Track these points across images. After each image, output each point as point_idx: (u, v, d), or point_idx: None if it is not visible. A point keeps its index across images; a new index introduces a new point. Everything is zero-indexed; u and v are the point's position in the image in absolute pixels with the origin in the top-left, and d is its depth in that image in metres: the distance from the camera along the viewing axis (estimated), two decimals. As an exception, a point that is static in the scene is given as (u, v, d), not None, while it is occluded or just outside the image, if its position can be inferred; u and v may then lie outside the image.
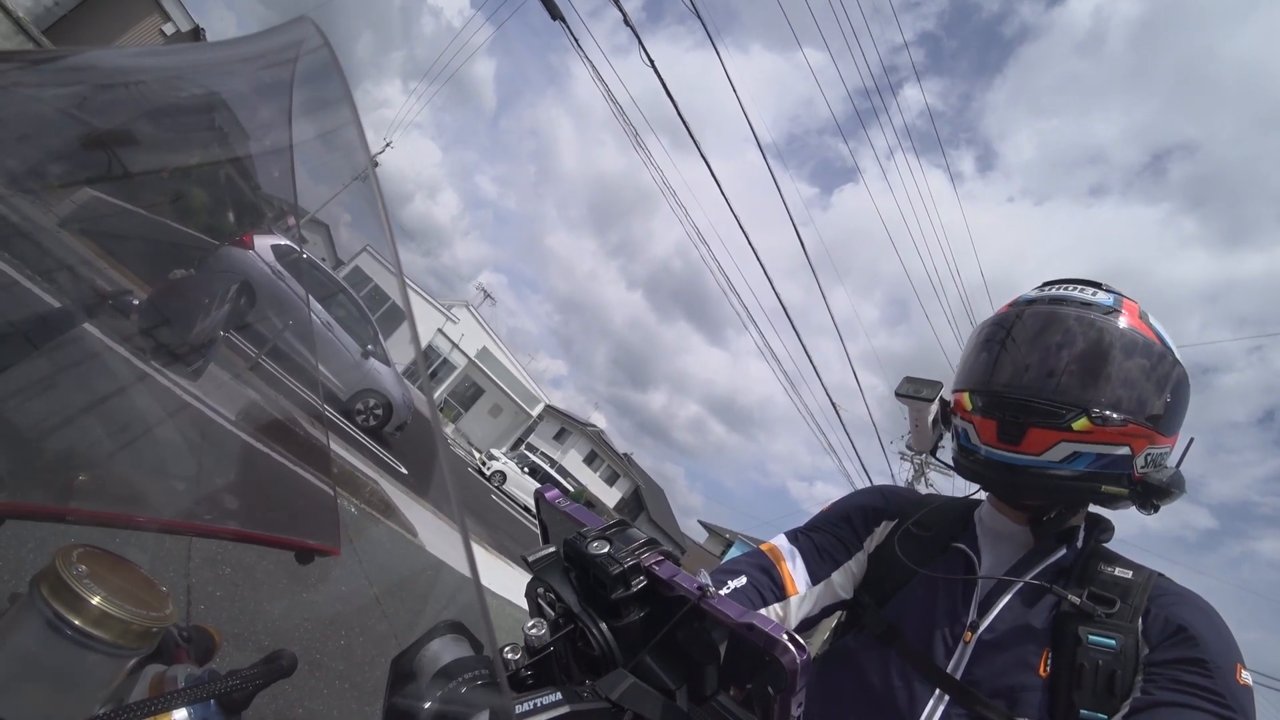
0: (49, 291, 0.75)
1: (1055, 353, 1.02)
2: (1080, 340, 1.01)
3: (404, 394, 8.64)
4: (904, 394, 1.18)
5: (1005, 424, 1.01)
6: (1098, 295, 1.07)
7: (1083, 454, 0.97)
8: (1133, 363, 0.99)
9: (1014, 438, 1.00)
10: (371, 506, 5.42)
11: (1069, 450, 0.97)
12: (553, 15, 7.33)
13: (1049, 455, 0.98)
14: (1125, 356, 0.99)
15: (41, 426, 0.68)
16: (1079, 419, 0.96)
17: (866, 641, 1.08)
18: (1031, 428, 0.99)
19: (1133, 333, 1.01)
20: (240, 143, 0.95)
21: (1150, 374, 0.99)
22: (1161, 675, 0.85)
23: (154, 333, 0.80)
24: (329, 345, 1.15)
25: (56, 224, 0.78)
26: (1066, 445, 0.97)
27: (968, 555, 1.09)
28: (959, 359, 1.21)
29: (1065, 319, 1.04)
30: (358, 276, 10.73)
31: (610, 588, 0.55)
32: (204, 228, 1.00)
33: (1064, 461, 0.97)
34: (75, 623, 0.50)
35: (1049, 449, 0.98)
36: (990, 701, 0.91)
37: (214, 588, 2.75)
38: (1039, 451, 0.98)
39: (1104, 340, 1.00)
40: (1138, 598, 0.93)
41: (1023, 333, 1.07)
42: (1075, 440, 0.97)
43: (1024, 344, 1.06)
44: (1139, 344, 1.00)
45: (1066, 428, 0.97)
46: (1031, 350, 1.04)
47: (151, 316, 0.80)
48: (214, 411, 0.87)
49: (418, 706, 0.48)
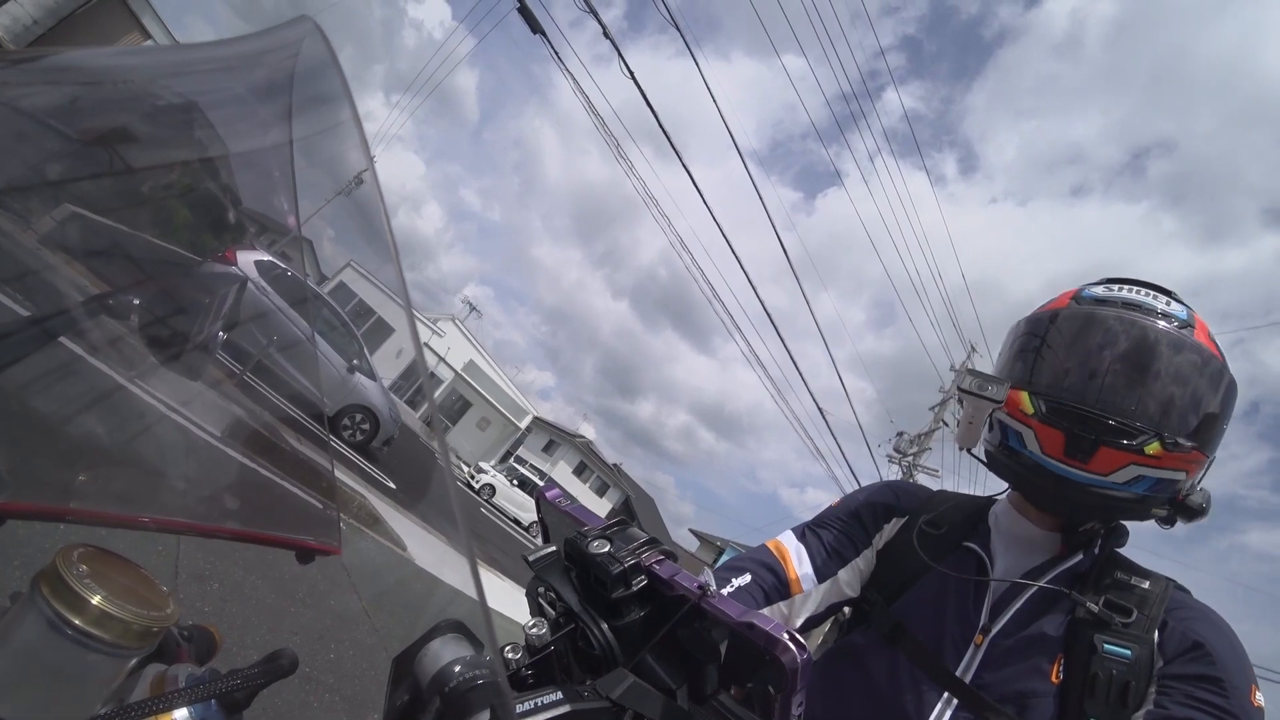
0: (46, 293, 0.75)
1: (1139, 370, 0.95)
2: (1164, 358, 0.95)
3: (390, 408, 8.61)
4: (968, 390, 1.08)
5: (1074, 438, 0.95)
6: (1171, 306, 1.01)
7: (1146, 478, 0.93)
8: (1205, 388, 0.95)
9: (1083, 455, 0.94)
10: (360, 520, 5.37)
11: (1135, 474, 0.93)
12: (533, 29, 7.38)
13: (1115, 476, 0.93)
14: (1202, 380, 0.95)
15: (42, 426, 0.68)
16: (1152, 443, 0.91)
17: (873, 640, 1.07)
18: (1104, 446, 0.93)
19: (1209, 354, 0.96)
20: (234, 147, 0.94)
21: (1216, 401, 0.96)
22: (1175, 689, 0.84)
23: (154, 332, 0.80)
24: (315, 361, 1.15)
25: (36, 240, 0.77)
26: (1134, 469, 0.92)
27: (979, 556, 1.07)
28: (1006, 347, 1.15)
29: (1148, 332, 0.97)
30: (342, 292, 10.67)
31: (611, 587, 0.55)
32: (192, 239, 0.99)
33: (1128, 484, 0.93)
34: (76, 622, 0.49)
35: (1117, 470, 0.93)
36: (999, 707, 0.90)
37: (203, 600, 2.72)
38: (1106, 472, 0.93)
39: (1189, 361, 0.95)
40: (1155, 608, 0.92)
41: (1096, 338, 1.00)
42: (1145, 464, 0.92)
43: (1098, 351, 0.99)
44: (1213, 366, 0.95)
45: (1139, 450, 0.92)
46: (1108, 360, 0.98)
47: (152, 316, 0.80)
48: (214, 412, 0.87)
49: (419, 705, 0.48)
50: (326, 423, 1.07)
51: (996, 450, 1.08)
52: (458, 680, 0.49)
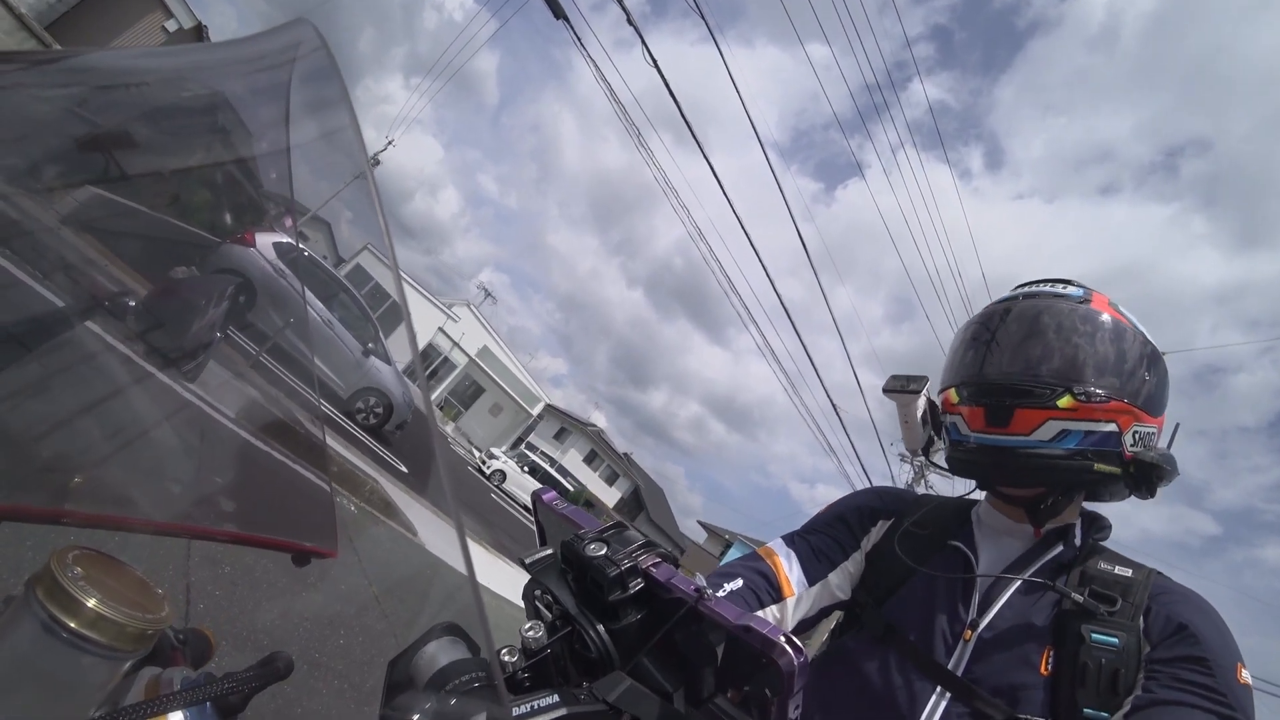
0: (46, 291, 0.75)
1: (1034, 337, 1.06)
2: (1057, 324, 1.05)
3: (404, 392, 8.67)
4: (890, 389, 1.21)
5: (992, 408, 1.04)
6: (1068, 289, 1.11)
7: (1071, 431, 0.99)
8: (1108, 343, 1.03)
9: (1002, 420, 1.03)
10: (371, 505, 5.42)
11: (1057, 428, 0.99)
12: (555, 14, 7.31)
13: (1038, 434, 1.00)
14: (1100, 337, 1.03)
15: (37, 428, 0.68)
16: (1063, 396, 0.99)
17: (865, 641, 1.08)
18: (1018, 408, 1.01)
19: (1104, 315, 1.05)
20: (241, 142, 0.95)
21: (1126, 354, 1.02)
22: (1163, 673, 0.85)
23: (151, 334, 0.80)
24: (330, 344, 1.15)
25: (58, 221, 0.78)
26: (1054, 423, 0.99)
27: (965, 554, 1.09)
28: (944, 363, 1.24)
29: (1040, 308, 1.08)
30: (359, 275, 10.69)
31: (607, 590, 0.55)
32: (205, 225, 1.01)
33: (1054, 440, 0.99)
34: (70, 625, 0.49)
35: (1037, 428, 1.00)
36: (992, 699, 0.91)
37: (210, 590, 2.76)
38: (1028, 431, 1.01)
39: (1079, 322, 1.04)
40: (1138, 595, 0.93)
41: (1001, 326, 1.11)
42: (1062, 418, 0.99)
43: (1003, 335, 1.10)
44: (1110, 324, 1.04)
45: (1052, 405, 0.99)
46: (1011, 339, 1.08)
47: (148, 317, 0.80)
48: (210, 413, 0.87)
49: (414, 709, 0.48)
50: (325, 423, 1.07)
51: (949, 449, 1.16)
52: (454, 683, 0.49)
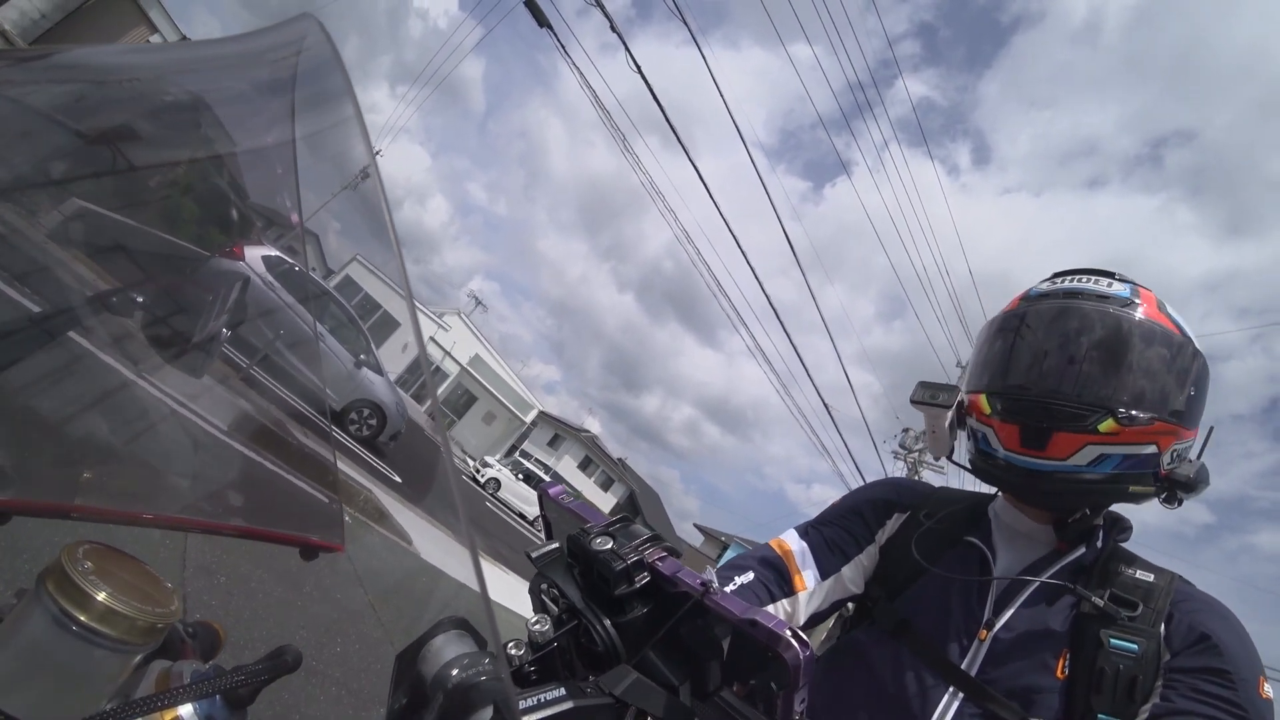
0: (52, 288, 0.75)
1: (1074, 350, 0.98)
2: (1099, 335, 0.97)
3: (397, 403, 8.66)
4: (920, 400, 1.14)
5: (1028, 429, 0.98)
6: (1113, 286, 1.02)
7: (1109, 456, 0.94)
8: (1154, 356, 0.95)
9: (1039, 444, 0.96)
10: (366, 514, 5.39)
11: (1095, 453, 0.94)
12: (539, 22, 7.34)
13: (1075, 460, 0.94)
14: (1146, 350, 0.95)
15: (47, 423, 0.68)
16: (1104, 420, 0.93)
17: (877, 636, 1.06)
18: (1056, 432, 0.95)
19: (1151, 324, 0.97)
20: (238, 143, 0.95)
21: (1172, 367, 0.95)
22: (1183, 683, 0.83)
23: (159, 329, 0.80)
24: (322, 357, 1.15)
25: (44, 235, 0.77)
26: (1093, 449, 0.94)
27: (982, 551, 1.06)
28: (970, 356, 1.18)
29: (1081, 312, 0.99)
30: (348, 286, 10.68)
31: (614, 584, 0.55)
32: (198, 233, 0.99)
33: (1091, 465, 0.94)
34: (81, 619, 0.50)
35: (1075, 453, 0.94)
36: (1006, 701, 0.89)
37: (210, 593, 2.74)
38: (1065, 456, 0.95)
39: (1123, 334, 0.96)
40: (1160, 601, 0.91)
41: (1038, 329, 1.03)
42: (1102, 443, 0.93)
43: (1039, 341, 1.02)
44: (1159, 335, 0.96)
45: (1093, 430, 0.93)
46: (1048, 347, 1.01)
47: (156, 314, 0.80)
48: (217, 409, 0.87)
49: (422, 702, 0.48)
50: (330, 418, 1.07)
51: (975, 456, 1.10)
52: (461, 677, 0.49)
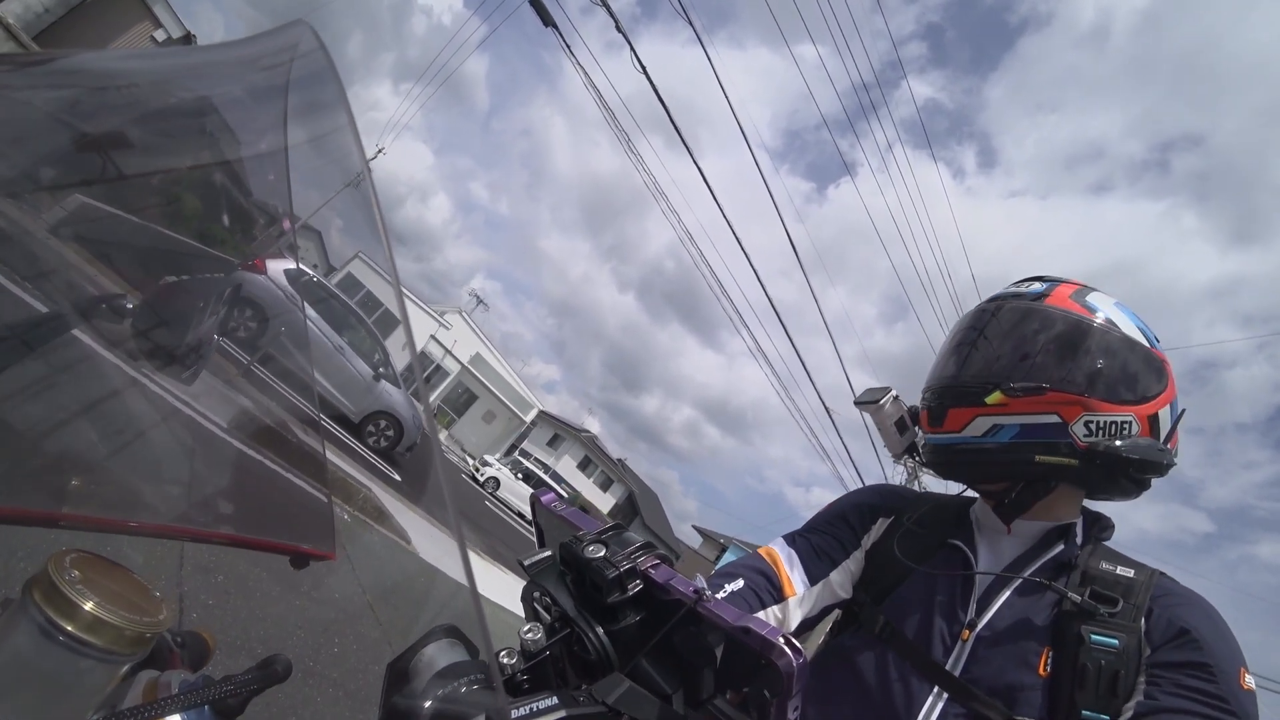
0: (44, 295, 0.74)
1: (972, 340, 1.11)
2: (997, 324, 1.09)
3: (414, 415, 8.67)
4: (859, 401, 1.27)
5: (932, 411, 1.12)
6: (1031, 286, 1.12)
7: (1004, 425, 1.02)
8: (1046, 334, 1.03)
9: (939, 420, 1.09)
10: (365, 514, 5.39)
11: (988, 424, 1.03)
12: (544, 22, 7.34)
13: (969, 430, 1.05)
14: (1037, 329, 1.04)
15: (35, 430, 0.68)
16: (991, 393, 1.02)
17: (864, 639, 1.07)
18: (950, 408, 1.07)
19: (1048, 308, 1.06)
20: (234, 147, 0.94)
21: (1067, 342, 1.01)
22: (1164, 679, 0.84)
23: (149, 337, 0.80)
24: (342, 370, 1.14)
25: (47, 230, 0.77)
26: (984, 419, 1.03)
27: (964, 552, 1.08)
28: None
29: (986, 309, 1.12)
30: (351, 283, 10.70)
31: (606, 592, 0.55)
32: (196, 234, 0.99)
33: (986, 435, 1.03)
34: (68, 628, 0.49)
35: (968, 424, 1.05)
36: (989, 699, 0.90)
37: (208, 593, 2.74)
38: (959, 428, 1.06)
39: (1012, 320, 1.07)
40: (1140, 597, 0.92)
41: (956, 332, 1.16)
42: (992, 413, 1.02)
43: (954, 340, 1.15)
44: (1055, 316, 1.04)
45: (980, 403, 1.03)
46: (957, 343, 1.14)
47: (146, 320, 0.80)
48: (208, 417, 0.87)
49: (414, 711, 0.48)
50: (322, 428, 1.07)
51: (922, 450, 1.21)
52: (453, 685, 0.49)
